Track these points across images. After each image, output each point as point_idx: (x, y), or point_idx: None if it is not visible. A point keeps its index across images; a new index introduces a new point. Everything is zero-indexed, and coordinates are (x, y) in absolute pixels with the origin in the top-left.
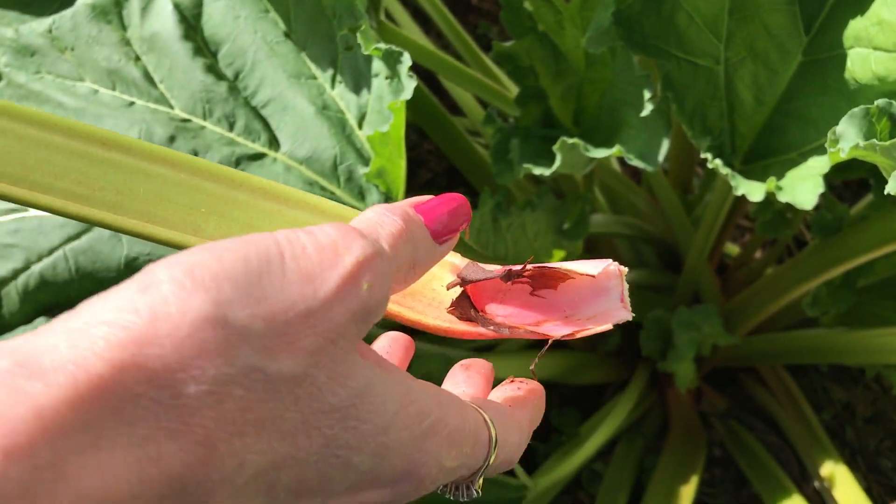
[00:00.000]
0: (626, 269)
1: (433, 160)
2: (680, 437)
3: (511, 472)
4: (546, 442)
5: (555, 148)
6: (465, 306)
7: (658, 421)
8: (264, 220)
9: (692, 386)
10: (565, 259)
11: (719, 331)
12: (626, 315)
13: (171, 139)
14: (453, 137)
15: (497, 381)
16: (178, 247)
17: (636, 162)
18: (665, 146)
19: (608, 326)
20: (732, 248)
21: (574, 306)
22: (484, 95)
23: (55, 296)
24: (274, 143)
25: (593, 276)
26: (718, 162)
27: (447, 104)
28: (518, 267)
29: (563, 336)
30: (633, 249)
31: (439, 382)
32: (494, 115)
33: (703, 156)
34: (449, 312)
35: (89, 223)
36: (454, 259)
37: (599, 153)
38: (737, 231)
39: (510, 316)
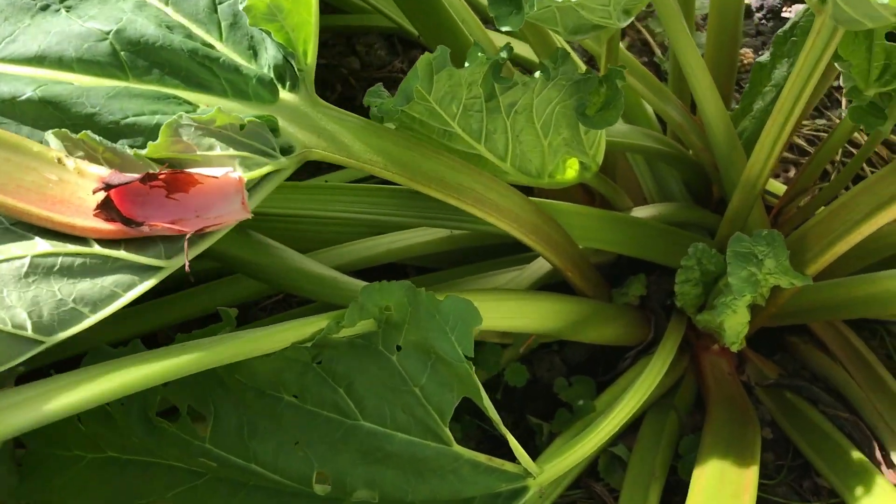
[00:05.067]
0: (245, 178)
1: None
2: (724, 413)
3: (511, 456)
4: (551, 420)
5: None
6: (109, 209)
7: (691, 394)
8: None
9: (741, 347)
10: (579, 177)
11: (786, 266)
12: (247, 215)
13: None
14: None
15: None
16: None
17: None
18: None
19: (232, 223)
20: (776, 186)
21: (203, 208)
22: None
23: None
24: None
25: (217, 178)
26: None
27: None
28: (154, 171)
29: (195, 231)
30: (655, 175)
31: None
32: None
33: None
34: (95, 216)
35: None
36: (100, 171)
37: None
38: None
39: (149, 216)
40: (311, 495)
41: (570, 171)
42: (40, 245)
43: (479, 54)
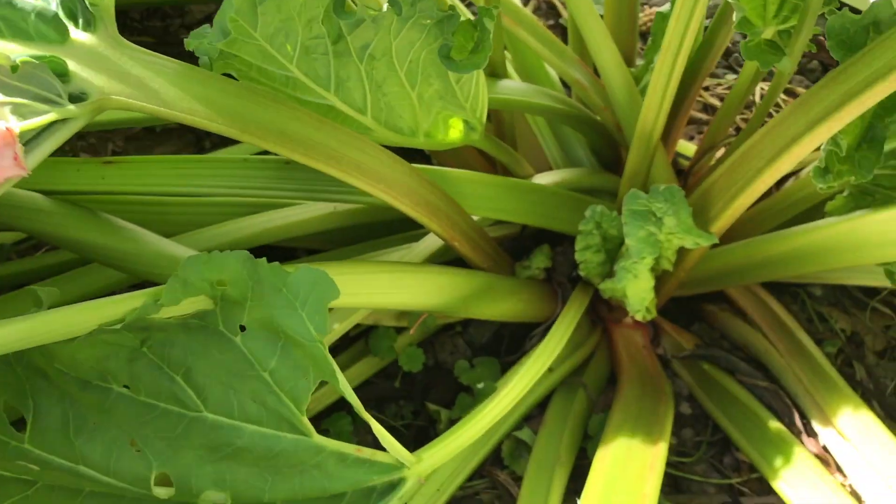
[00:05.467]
0: (17, 130)
1: None
2: (635, 389)
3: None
4: (451, 407)
5: None
6: None
7: (603, 370)
8: None
9: (648, 316)
10: (465, 138)
11: (689, 224)
12: (21, 172)
13: None
14: None
15: None
16: None
17: None
18: None
19: (3, 183)
20: (687, 148)
21: None
22: None
23: None
24: None
25: None
26: None
27: None
28: None
29: None
30: (560, 142)
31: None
32: None
33: None
34: None
35: None
36: None
37: None
38: (692, 128)
39: None
40: (154, 500)
41: (453, 130)
42: None
43: None
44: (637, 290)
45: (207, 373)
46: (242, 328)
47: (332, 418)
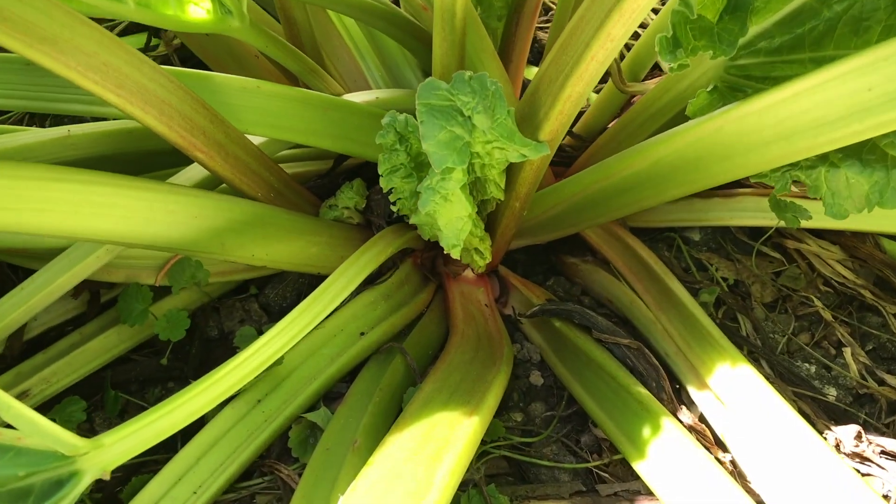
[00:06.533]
0: None
1: None
2: (466, 353)
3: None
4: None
5: None
6: None
7: (436, 332)
8: None
9: (480, 261)
10: (219, 23)
11: (509, 127)
12: None
13: None
14: None
15: None
16: None
17: None
18: None
19: None
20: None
21: None
22: None
23: None
24: None
25: None
26: None
27: None
28: None
29: None
30: (386, 63)
31: None
32: None
33: None
34: None
35: None
36: None
37: None
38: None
39: None
40: None
41: (195, 7)
42: None
43: None
44: (450, 218)
45: None
46: None
47: (62, 403)
